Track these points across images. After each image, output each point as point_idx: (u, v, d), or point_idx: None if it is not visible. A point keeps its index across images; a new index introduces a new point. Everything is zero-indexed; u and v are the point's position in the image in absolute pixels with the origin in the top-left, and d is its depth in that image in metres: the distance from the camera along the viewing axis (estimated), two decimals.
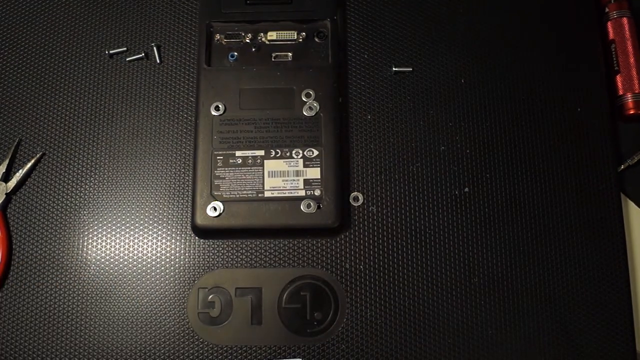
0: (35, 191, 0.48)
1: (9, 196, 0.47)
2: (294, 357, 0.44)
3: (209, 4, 0.50)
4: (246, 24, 0.50)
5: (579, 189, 0.47)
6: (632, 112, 0.49)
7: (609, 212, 0.47)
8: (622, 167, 0.49)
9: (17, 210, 0.47)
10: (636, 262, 0.48)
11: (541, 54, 0.50)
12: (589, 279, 0.46)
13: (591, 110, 0.49)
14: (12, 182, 0.47)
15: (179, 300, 0.45)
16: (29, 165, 0.48)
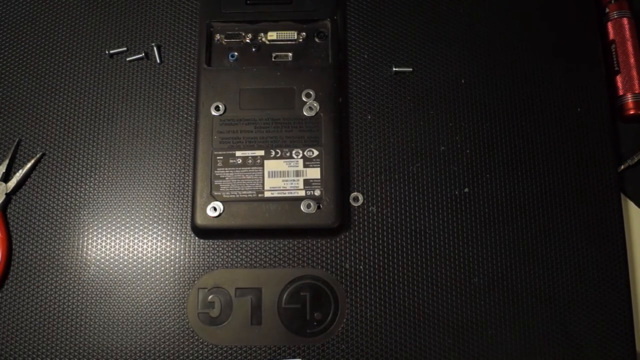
0: (35, 191, 0.48)
1: (9, 196, 0.47)
2: (294, 357, 0.44)
3: (209, 4, 0.50)
4: (246, 24, 0.50)
5: (579, 189, 0.47)
6: (632, 112, 0.49)
7: (609, 212, 0.47)
8: (622, 167, 0.49)
9: (17, 210, 0.47)
10: (636, 262, 0.48)
11: (541, 54, 0.50)
12: (589, 279, 0.46)
13: (591, 110, 0.49)
14: (12, 182, 0.47)
15: (179, 300, 0.45)
16: (29, 165, 0.48)
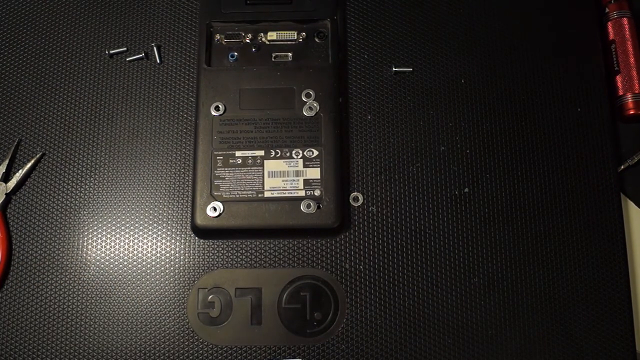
0: (35, 191, 0.48)
1: (9, 196, 0.47)
2: (294, 357, 0.44)
3: (209, 4, 0.50)
4: (246, 24, 0.50)
5: (578, 189, 0.47)
6: (632, 112, 0.49)
7: (609, 212, 0.47)
8: (622, 167, 0.49)
9: (17, 210, 0.47)
10: (636, 262, 0.48)
11: (541, 54, 0.50)
12: (589, 279, 0.46)
13: (591, 110, 0.49)
14: (12, 182, 0.47)
15: (179, 300, 0.45)
16: (29, 165, 0.48)
